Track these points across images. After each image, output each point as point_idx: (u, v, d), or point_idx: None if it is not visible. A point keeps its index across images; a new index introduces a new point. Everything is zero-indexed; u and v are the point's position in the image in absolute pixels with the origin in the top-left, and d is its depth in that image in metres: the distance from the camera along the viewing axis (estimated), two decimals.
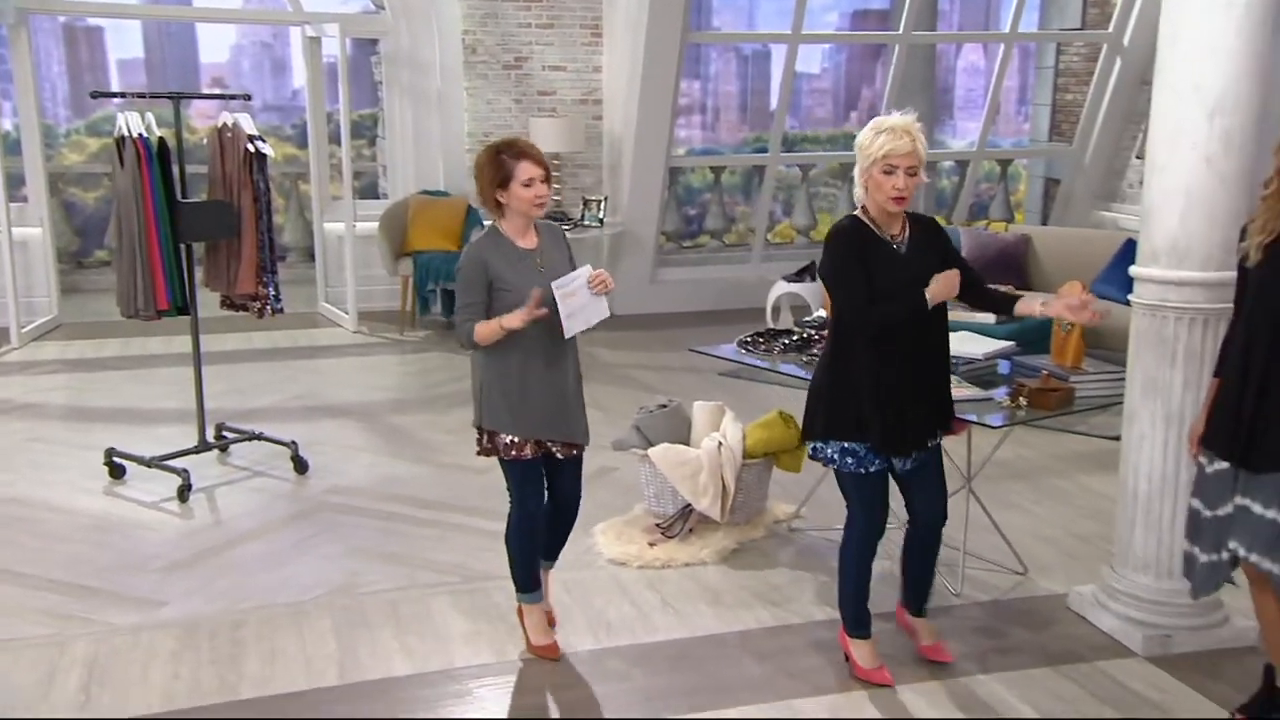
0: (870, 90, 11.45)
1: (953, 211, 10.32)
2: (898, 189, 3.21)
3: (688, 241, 10.28)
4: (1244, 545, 3.02)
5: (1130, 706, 3.38)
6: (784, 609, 4.04)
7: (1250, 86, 3.47)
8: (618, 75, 8.80)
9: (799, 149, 10.89)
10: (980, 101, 11.97)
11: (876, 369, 3.32)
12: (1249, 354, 2.97)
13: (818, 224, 10.41)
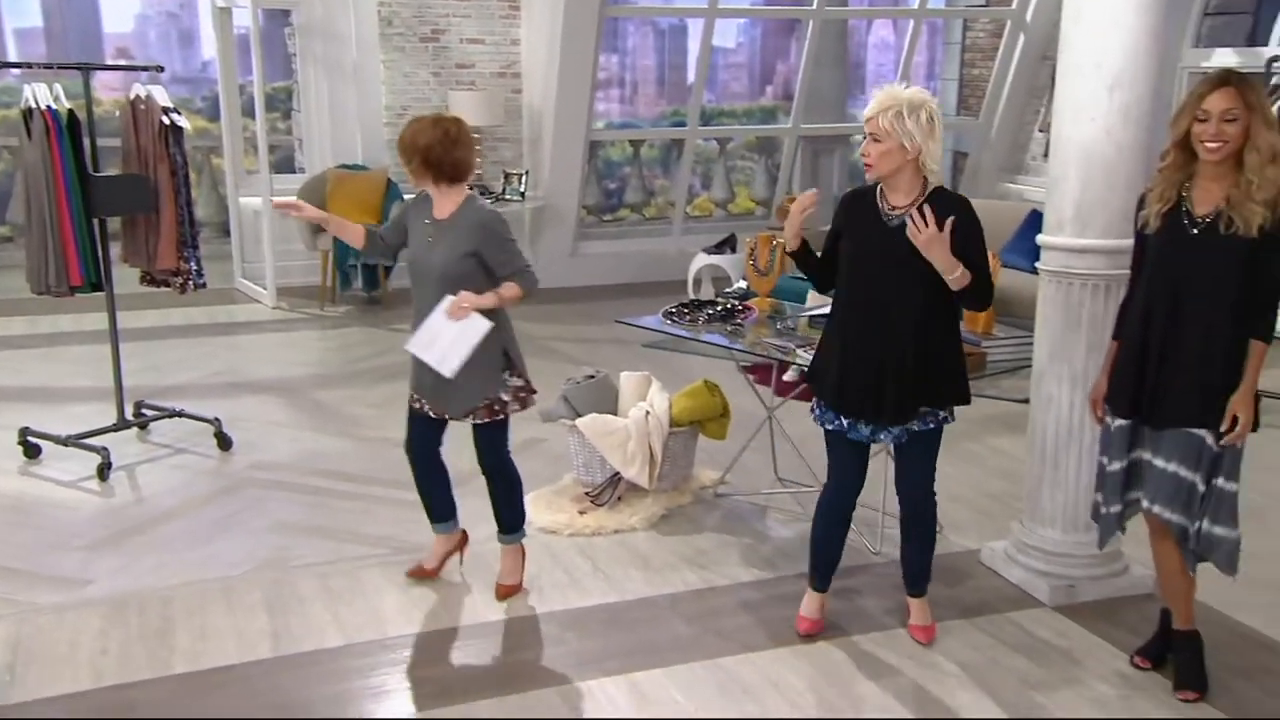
0: (785, 65, 11.53)
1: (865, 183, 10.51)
2: (862, 153, 3.26)
3: (608, 215, 10.32)
4: (1147, 497, 3.18)
5: (1038, 653, 3.54)
6: (711, 572, 4.13)
7: (1147, 63, 3.62)
8: (536, 48, 8.77)
9: (716, 123, 10.98)
10: (891, 76, 12.18)
11: (835, 331, 3.43)
12: (1149, 318, 3.13)
13: (735, 197, 10.52)
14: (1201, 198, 3.05)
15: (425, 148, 3.62)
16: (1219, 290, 3.02)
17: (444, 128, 3.66)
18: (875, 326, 3.31)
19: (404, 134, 3.69)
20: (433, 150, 3.62)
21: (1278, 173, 2.92)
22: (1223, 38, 8.46)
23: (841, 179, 10.92)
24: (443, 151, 3.64)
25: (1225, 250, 2.98)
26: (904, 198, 3.30)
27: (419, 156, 3.64)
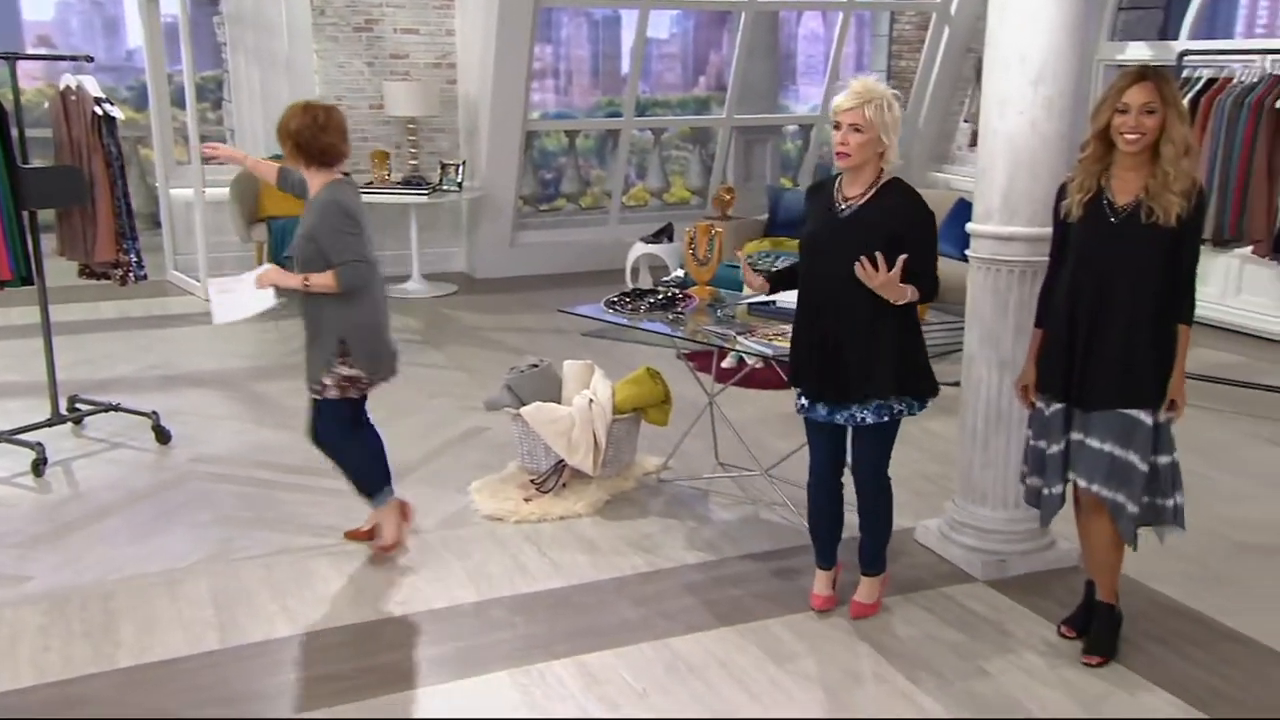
0: (718, 55, 11.61)
1: (798, 173, 10.65)
2: (839, 142, 3.33)
3: (544, 205, 10.32)
4: (1084, 477, 3.31)
5: (972, 626, 3.66)
6: (656, 555, 4.19)
7: (1068, 57, 3.74)
8: (471, 39, 8.74)
9: (651, 113, 11.03)
10: (820, 67, 12.33)
11: (799, 317, 3.53)
12: (1074, 304, 3.25)
13: (670, 187, 10.58)
14: (1120, 188, 3.17)
15: (295, 131, 3.81)
16: (1141, 277, 3.15)
17: (313, 113, 3.83)
18: (827, 312, 3.42)
19: (279, 119, 3.88)
20: (302, 134, 3.80)
21: (1191, 164, 3.07)
22: (1136, 31, 8.71)
23: (774, 168, 11.05)
24: (311, 136, 3.80)
25: (1146, 239, 3.12)
26: (859, 188, 3.41)
27: (290, 140, 3.81)
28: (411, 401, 5.99)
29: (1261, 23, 10.04)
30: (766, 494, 4.69)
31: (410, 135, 8.74)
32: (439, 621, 3.74)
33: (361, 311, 3.93)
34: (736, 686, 3.34)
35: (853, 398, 3.44)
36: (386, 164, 8.61)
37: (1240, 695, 3.27)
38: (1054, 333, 3.32)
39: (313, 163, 3.86)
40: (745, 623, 3.69)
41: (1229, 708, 3.21)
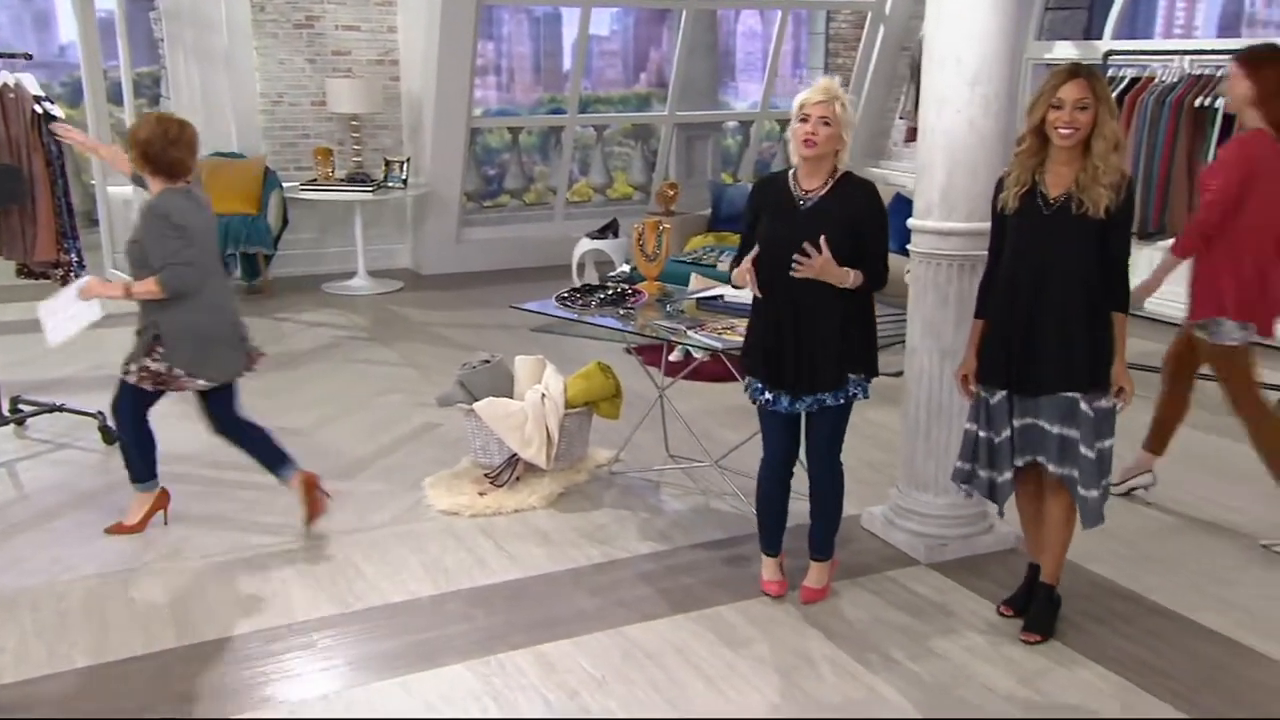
0: (658, 52, 11.68)
1: (738, 169, 10.76)
2: (808, 133, 3.39)
3: (488, 201, 10.30)
4: (1043, 457, 3.43)
5: (917, 608, 3.77)
6: (611, 546, 4.25)
7: (1003, 58, 3.85)
8: (414, 36, 8.70)
9: (593, 109, 11.05)
10: (759, 64, 12.45)
11: (760, 312, 3.58)
12: (1013, 295, 3.36)
13: (613, 182, 10.62)
14: (1054, 181, 3.29)
15: (144, 141, 3.92)
16: (1074, 266, 3.27)
17: (165, 126, 3.95)
18: (793, 303, 3.48)
19: (131, 126, 4.04)
20: (151, 145, 3.92)
21: (1120, 159, 3.20)
22: (1062, 30, 8.94)
23: (715, 163, 11.14)
24: (160, 148, 3.91)
25: (1077, 229, 3.24)
26: (818, 181, 3.50)
27: (138, 148, 3.92)
28: (362, 398, 5.99)
29: (1179, 23, 10.33)
30: (716, 484, 4.77)
31: (354, 132, 8.68)
32: (397, 615, 3.76)
33: (185, 313, 4.04)
34: (693, 672, 3.40)
35: (821, 386, 3.52)
36: (330, 161, 8.55)
37: (1168, 667, 3.40)
38: (994, 322, 3.43)
39: (159, 173, 3.97)
40: (699, 610, 3.76)
41: (1159, 679, 3.34)
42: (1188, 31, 9.68)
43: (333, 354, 6.86)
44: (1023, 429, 3.44)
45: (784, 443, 3.73)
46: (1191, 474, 4.94)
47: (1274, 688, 3.32)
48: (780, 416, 3.67)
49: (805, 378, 3.52)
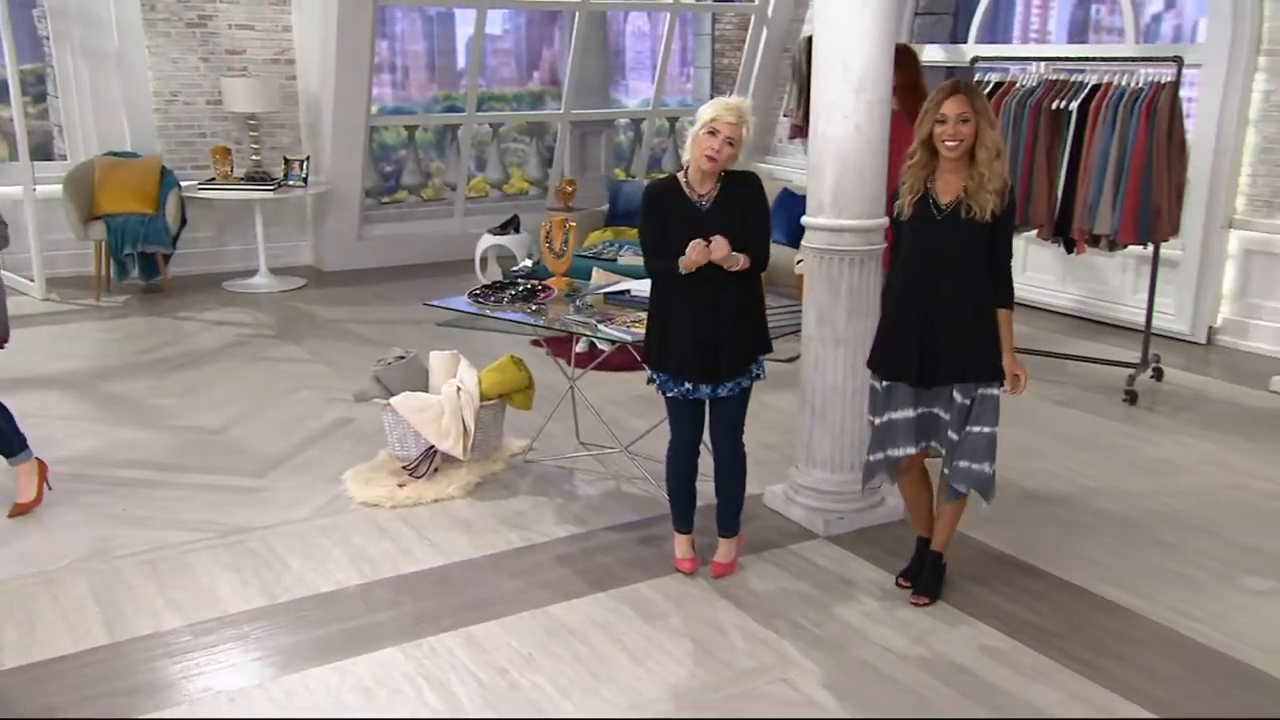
0: (550, 51, 11.73)
1: (631, 164, 10.90)
2: (712, 149, 3.56)
3: (386, 198, 10.24)
4: (935, 442, 3.67)
5: (818, 578, 3.98)
6: (529, 531, 4.36)
7: (885, 66, 4.08)
8: (310, 36, 8.60)
9: (487, 107, 11.05)
10: (647, 62, 12.60)
11: (667, 310, 3.72)
12: (909, 294, 3.57)
13: (510, 178, 10.66)
14: (944, 188, 3.51)
15: None
16: (965, 267, 3.50)
17: None
18: (701, 300, 3.66)
19: None
20: None
21: (1002, 166, 3.44)
22: (931, 34, 9.32)
23: (608, 159, 11.26)
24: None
25: (966, 233, 3.46)
26: (710, 184, 3.70)
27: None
28: (274, 395, 5.95)
29: (1035, 28, 10.82)
30: (626, 469, 4.92)
31: (251, 131, 8.55)
32: (327, 604, 3.81)
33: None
34: (615, 645, 3.55)
35: (739, 372, 3.72)
36: (228, 160, 8.40)
37: (1040, 621, 3.68)
38: (893, 319, 3.64)
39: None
40: (617, 587, 3.91)
41: (1032, 631, 3.61)
42: (1042, 36, 10.16)
43: (240, 352, 6.78)
44: (920, 417, 3.67)
45: (692, 429, 3.90)
46: (1054, 445, 5.28)
47: (1129, 634, 3.63)
48: (689, 404, 3.83)
49: (727, 365, 3.71)
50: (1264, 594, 3.89)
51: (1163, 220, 5.84)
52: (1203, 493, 4.75)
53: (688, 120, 10.96)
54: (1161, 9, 9.82)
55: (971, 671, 3.40)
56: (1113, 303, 7.47)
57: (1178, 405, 5.92)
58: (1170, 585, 3.94)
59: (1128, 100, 5.85)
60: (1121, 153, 5.82)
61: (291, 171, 8.42)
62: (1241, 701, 3.26)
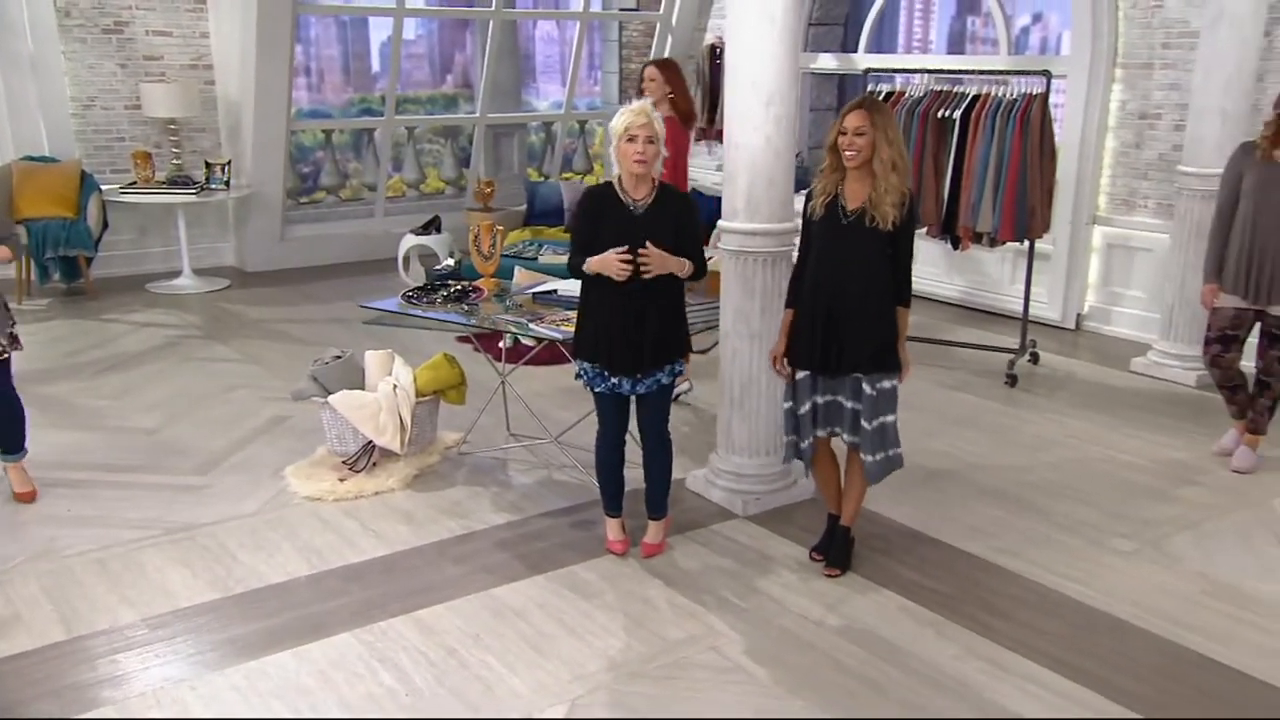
0: (462, 55, 11.71)
1: (543, 164, 10.98)
2: (638, 153, 3.69)
3: (304, 198, 10.13)
4: (843, 430, 3.87)
5: (739, 554, 4.17)
6: (468, 519, 4.45)
7: (790, 81, 4.27)
8: (228, 42, 8.46)
9: (402, 109, 10.98)
10: (556, 66, 12.67)
11: (597, 308, 3.84)
12: (817, 290, 3.77)
13: (426, 178, 10.64)
14: (851, 195, 3.71)
15: None
16: (869, 268, 3.70)
17: None
18: (631, 300, 3.78)
19: None
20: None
21: (899, 179, 3.64)
22: (824, 44, 9.60)
23: (521, 159, 11.32)
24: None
25: (869, 238, 3.67)
26: (644, 190, 3.82)
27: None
28: (208, 395, 5.91)
29: (917, 39, 11.17)
30: (557, 458, 5.04)
31: (171, 135, 8.38)
32: (279, 595, 3.86)
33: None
34: (555, 623, 3.68)
35: (661, 365, 3.88)
36: (149, 164, 8.22)
37: (938, 586, 3.93)
38: (801, 313, 3.84)
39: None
40: (554, 569, 4.04)
41: (931, 595, 3.85)
42: (924, 46, 10.51)
43: (169, 354, 6.69)
44: (825, 404, 3.88)
45: (618, 421, 4.05)
46: (944, 426, 5.57)
47: (1016, 595, 3.90)
48: (615, 398, 3.98)
49: (649, 358, 3.85)
50: (1130, 554, 4.21)
51: (1037, 219, 6.20)
52: (1076, 465, 5.08)
53: (597, 122, 11.15)
54: (1030, 22, 10.27)
55: (879, 634, 3.63)
56: (993, 293, 7.85)
57: (1052, 386, 6.28)
58: (1050, 550, 4.23)
59: (1004, 110, 6.18)
60: (1000, 158, 6.15)
61: (214, 175, 8.28)
62: (1112, 650, 3.55)
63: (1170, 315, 6.39)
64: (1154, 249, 6.98)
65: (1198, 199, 6.09)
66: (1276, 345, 4.91)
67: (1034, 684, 3.35)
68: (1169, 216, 6.63)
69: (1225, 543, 4.30)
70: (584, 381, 4.02)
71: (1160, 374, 6.36)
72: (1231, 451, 5.11)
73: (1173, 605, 3.82)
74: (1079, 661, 3.47)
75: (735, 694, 3.29)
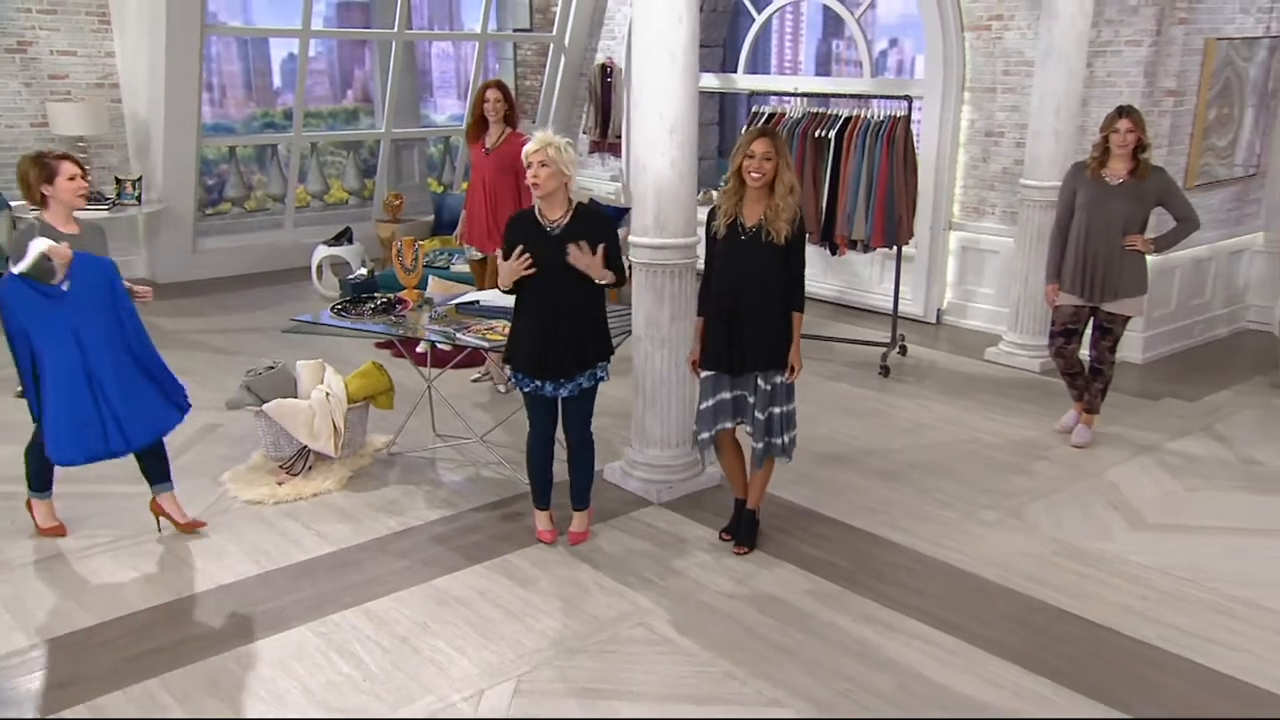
0: (362, 71, 11.59)
1: (442, 174, 10.96)
2: (534, 180, 3.86)
3: (210, 210, 9.88)
4: (746, 422, 4.10)
5: (656, 538, 4.37)
6: (405, 516, 4.53)
7: (691, 110, 4.49)
8: (135, 61, 8.22)
9: (306, 124, 10.80)
10: (452, 82, 12.65)
11: (526, 318, 3.99)
12: (722, 300, 4.00)
13: (330, 189, 10.51)
14: (749, 213, 3.95)
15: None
16: (766, 279, 3.95)
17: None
18: (555, 311, 3.94)
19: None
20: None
21: (795, 200, 3.90)
22: (706, 64, 9.86)
23: (422, 170, 11.27)
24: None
25: (765, 252, 3.92)
26: (559, 211, 3.96)
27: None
28: None
29: (789, 59, 11.53)
30: (483, 456, 5.15)
31: (80, 153, 8.08)
32: (232, 594, 3.89)
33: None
34: (496, 608, 3.81)
35: (582, 369, 4.03)
36: None
37: (835, 559, 4.21)
38: (710, 320, 4.06)
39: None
40: (489, 559, 4.16)
41: (829, 568, 4.13)
42: (795, 68, 10.87)
43: None
44: (733, 399, 4.11)
45: (547, 421, 4.21)
46: (828, 414, 5.89)
47: (902, 563, 4.21)
48: (543, 400, 4.13)
49: (571, 365, 4.01)
50: (994, 524, 4.58)
51: (904, 226, 6.58)
52: (945, 446, 5.45)
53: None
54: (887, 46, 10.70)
55: (786, 602, 3.89)
56: (863, 291, 8.26)
57: (920, 375, 6.69)
58: (928, 522, 4.57)
59: (873, 130, 6.54)
60: (870, 173, 6.51)
61: (125, 191, 8.04)
62: (983, 608, 3.88)
63: (1017, 310, 6.87)
64: (1001, 251, 7.48)
65: (1037, 208, 6.58)
66: (1107, 337, 5.38)
67: (920, 640, 3.66)
68: (1013, 223, 7.12)
69: (1070, 510, 4.71)
70: (515, 383, 4.16)
71: (1009, 361, 6.83)
72: (1071, 429, 5.57)
73: (1031, 566, 4.19)
74: (957, 619, 3.79)
75: (667, 663, 3.50)
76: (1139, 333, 6.69)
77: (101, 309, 3.91)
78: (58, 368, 3.86)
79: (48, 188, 3.98)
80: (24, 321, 3.85)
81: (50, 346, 3.86)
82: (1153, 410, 5.94)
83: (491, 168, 5.91)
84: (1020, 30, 7.19)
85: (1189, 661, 3.55)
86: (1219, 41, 6.72)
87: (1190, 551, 4.30)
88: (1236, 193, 7.36)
